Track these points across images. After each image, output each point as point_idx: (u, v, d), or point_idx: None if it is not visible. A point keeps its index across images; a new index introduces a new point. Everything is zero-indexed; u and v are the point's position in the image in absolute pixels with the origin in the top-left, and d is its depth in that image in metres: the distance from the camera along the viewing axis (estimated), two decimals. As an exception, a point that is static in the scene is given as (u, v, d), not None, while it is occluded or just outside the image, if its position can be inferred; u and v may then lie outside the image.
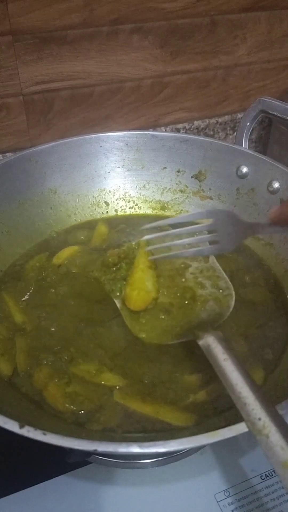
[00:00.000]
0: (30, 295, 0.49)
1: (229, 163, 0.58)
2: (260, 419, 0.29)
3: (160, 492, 0.43)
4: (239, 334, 0.45)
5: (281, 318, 0.48)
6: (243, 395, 0.31)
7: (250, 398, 0.30)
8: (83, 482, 0.44)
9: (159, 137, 0.61)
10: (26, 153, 0.56)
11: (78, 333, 0.45)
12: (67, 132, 0.70)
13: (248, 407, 0.30)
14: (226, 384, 0.33)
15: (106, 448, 0.28)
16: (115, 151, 0.61)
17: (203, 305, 0.45)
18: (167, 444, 0.28)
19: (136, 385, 0.40)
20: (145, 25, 0.66)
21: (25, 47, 0.61)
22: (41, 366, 0.42)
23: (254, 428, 0.29)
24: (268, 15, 0.73)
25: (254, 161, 0.56)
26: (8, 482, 0.44)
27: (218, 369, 0.34)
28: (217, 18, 0.69)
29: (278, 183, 0.54)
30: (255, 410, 0.29)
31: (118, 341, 0.44)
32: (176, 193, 0.63)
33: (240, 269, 0.53)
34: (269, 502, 0.43)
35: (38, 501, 0.43)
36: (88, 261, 0.54)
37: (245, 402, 0.30)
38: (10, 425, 0.29)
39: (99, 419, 0.38)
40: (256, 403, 0.30)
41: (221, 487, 0.44)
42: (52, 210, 0.59)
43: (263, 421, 0.29)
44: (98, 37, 0.64)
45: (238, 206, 0.59)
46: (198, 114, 0.78)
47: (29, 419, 0.35)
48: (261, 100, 0.61)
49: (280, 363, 0.43)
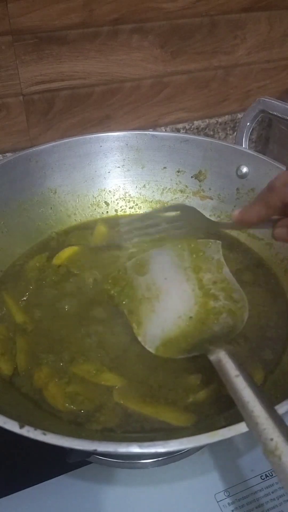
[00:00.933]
0: (30, 295, 0.49)
1: (229, 163, 0.58)
2: (272, 440, 0.28)
3: (160, 492, 0.43)
4: (239, 334, 0.45)
5: (281, 318, 0.48)
6: (255, 413, 0.29)
7: (262, 417, 0.29)
8: (83, 482, 0.44)
9: (159, 137, 0.61)
10: (26, 153, 0.56)
11: (79, 333, 0.45)
12: (67, 132, 0.70)
13: (260, 426, 0.29)
14: (238, 401, 0.31)
15: (106, 448, 0.28)
16: (115, 151, 0.61)
17: (216, 318, 0.44)
18: (167, 444, 0.28)
19: (136, 385, 0.40)
20: (145, 25, 0.66)
21: (25, 47, 0.61)
22: (41, 365, 0.42)
23: (266, 449, 0.28)
24: (268, 15, 0.73)
25: (254, 161, 0.56)
26: (8, 482, 0.44)
27: (229, 385, 0.33)
28: (217, 18, 0.69)
29: (278, 183, 0.54)
30: (267, 430, 0.28)
31: (119, 341, 0.44)
32: (176, 193, 0.63)
33: (240, 269, 0.53)
34: (269, 502, 0.43)
35: (38, 501, 0.43)
36: (88, 261, 0.54)
37: (257, 421, 0.29)
38: (10, 425, 0.29)
39: (99, 419, 0.38)
40: (269, 422, 0.29)
41: (221, 487, 0.44)
42: (52, 210, 0.59)
43: (275, 442, 0.27)
44: (98, 37, 0.64)
45: (238, 206, 0.59)
46: (198, 114, 0.78)
47: (29, 419, 0.35)
48: (261, 100, 0.61)
49: (280, 363, 0.43)
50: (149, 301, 0.45)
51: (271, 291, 0.51)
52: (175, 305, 0.45)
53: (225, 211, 0.60)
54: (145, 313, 0.45)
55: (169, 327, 0.43)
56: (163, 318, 0.44)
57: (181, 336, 0.42)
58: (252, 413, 0.30)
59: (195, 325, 0.43)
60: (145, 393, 0.40)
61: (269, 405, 0.30)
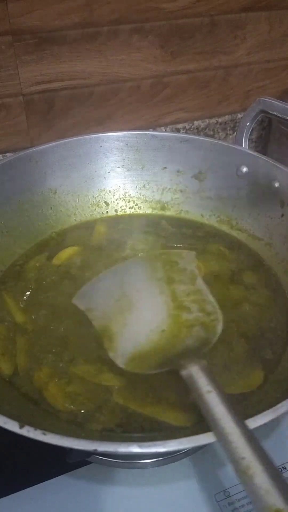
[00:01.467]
0: (30, 295, 0.49)
1: (229, 163, 0.58)
2: (244, 458, 0.26)
3: (160, 492, 0.43)
4: (239, 334, 0.45)
5: (281, 318, 0.48)
6: (227, 430, 0.28)
7: (235, 435, 0.27)
8: (83, 482, 0.44)
9: (159, 137, 0.61)
10: (26, 153, 0.55)
11: (79, 333, 0.45)
12: (67, 132, 0.70)
13: (231, 445, 0.27)
14: (209, 418, 0.30)
15: (106, 448, 0.28)
16: (115, 151, 0.61)
17: (189, 331, 0.41)
18: (167, 444, 0.28)
19: (136, 385, 0.40)
20: (145, 25, 0.66)
21: (25, 47, 0.61)
22: (41, 365, 0.42)
23: (238, 469, 0.26)
24: (268, 15, 0.73)
25: (254, 161, 0.56)
26: (8, 482, 0.44)
27: (201, 402, 0.31)
28: (217, 18, 0.69)
29: (278, 183, 0.54)
30: (239, 449, 0.27)
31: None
32: (176, 193, 0.63)
33: (240, 269, 0.54)
34: (269, 502, 0.43)
35: (38, 501, 0.43)
36: (88, 261, 0.54)
37: (229, 439, 0.27)
38: (10, 425, 0.29)
39: (98, 419, 0.38)
40: (241, 440, 0.27)
41: (221, 487, 0.44)
42: (52, 210, 0.59)
43: (247, 461, 0.26)
44: (98, 37, 0.64)
45: (238, 206, 0.59)
46: (198, 114, 0.78)
47: (29, 419, 0.35)
48: (261, 100, 0.61)
49: (280, 363, 0.43)
50: (121, 314, 0.43)
51: (271, 291, 0.51)
52: (148, 318, 0.43)
53: (225, 211, 0.60)
54: (117, 327, 0.43)
55: (141, 340, 0.41)
56: (135, 332, 0.42)
57: (153, 351, 0.40)
58: (223, 430, 0.28)
59: (168, 339, 0.41)
60: (145, 393, 0.40)
61: (242, 423, 0.29)
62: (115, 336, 0.42)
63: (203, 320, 0.42)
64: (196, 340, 0.40)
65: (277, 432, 0.48)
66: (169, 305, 0.44)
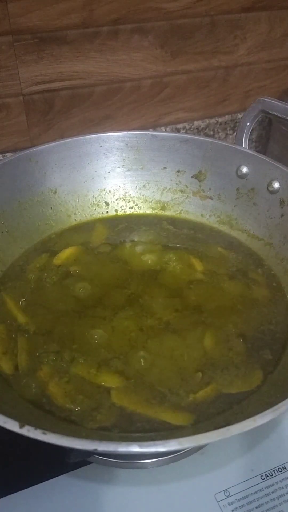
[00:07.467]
0: (31, 295, 0.49)
1: (229, 163, 0.58)
2: None
3: (160, 492, 0.43)
4: (238, 334, 0.45)
5: (280, 319, 0.48)
6: None
7: None
8: (83, 482, 0.44)
9: (159, 137, 0.61)
10: (26, 153, 0.56)
11: (79, 332, 0.45)
12: (67, 132, 0.71)
13: None
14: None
15: (106, 447, 0.28)
16: (115, 151, 0.61)
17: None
18: (167, 443, 0.28)
19: (136, 384, 0.41)
20: (145, 25, 0.66)
21: (25, 47, 0.61)
22: (42, 365, 0.42)
23: None
24: (268, 15, 0.73)
25: (254, 161, 0.56)
26: (8, 482, 0.44)
27: None
28: (217, 18, 0.69)
29: (278, 183, 0.54)
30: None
31: (119, 341, 0.44)
32: (176, 193, 0.63)
33: (240, 269, 0.54)
34: (269, 502, 0.43)
35: (38, 501, 0.43)
36: (88, 261, 0.54)
37: None
38: (10, 424, 0.29)
39: (97, 418, 0.38)
40: None
41: (221, 487, 0.44)
42: (52, 210, 0.59)
43: None
44: (98, 37, 0.64)
45: (238, 206, 0.59)
46: (198, 114, 0.79)
47: (29, 419, 0.35)
48: (261, 100, 0.61)
49: (279, 364, 0.43)
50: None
51: (271, 291, 0.51)
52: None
53: (225, 211, 0.60)
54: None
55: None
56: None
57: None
58: None
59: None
60: (145, 392, 0.40)
61: None
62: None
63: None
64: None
65: (277, 432, 0.48)
66: None
